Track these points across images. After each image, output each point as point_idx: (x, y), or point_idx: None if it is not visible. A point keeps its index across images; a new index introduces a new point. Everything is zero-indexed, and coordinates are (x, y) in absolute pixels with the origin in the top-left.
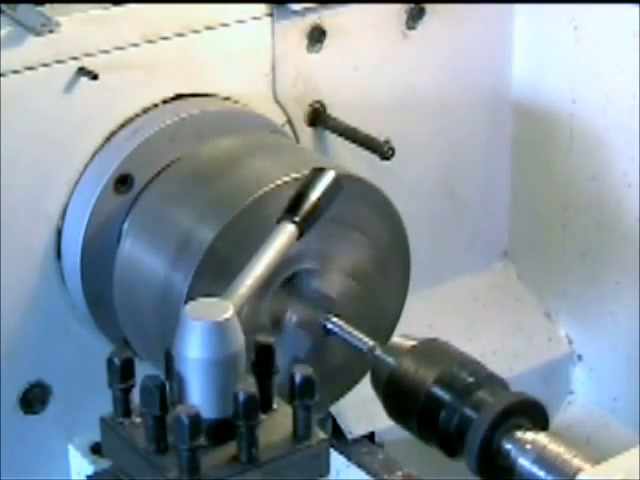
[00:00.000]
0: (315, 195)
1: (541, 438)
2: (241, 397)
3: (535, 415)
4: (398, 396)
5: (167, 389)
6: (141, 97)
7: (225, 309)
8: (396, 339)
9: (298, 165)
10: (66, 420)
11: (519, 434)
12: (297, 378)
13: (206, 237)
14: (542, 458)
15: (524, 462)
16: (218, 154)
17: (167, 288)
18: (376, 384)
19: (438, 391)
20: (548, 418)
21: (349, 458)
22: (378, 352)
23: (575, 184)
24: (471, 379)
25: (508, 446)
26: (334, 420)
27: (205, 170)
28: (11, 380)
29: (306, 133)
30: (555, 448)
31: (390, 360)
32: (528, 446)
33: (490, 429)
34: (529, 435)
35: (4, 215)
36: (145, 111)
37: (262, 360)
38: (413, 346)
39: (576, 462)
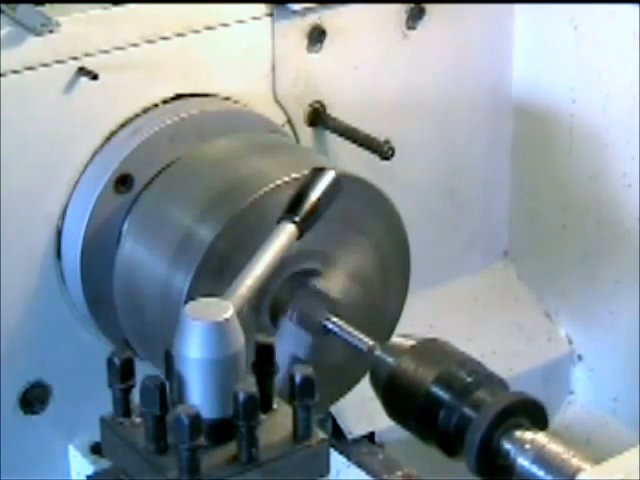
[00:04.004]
0: (315, 195)
1: (540, 438)
2: (241, 397)
3: (534, 415)
4: (397, 396)
5: (167, 389)
6: (141, 97)
7: (225, 309)
8: (396, 339)
9: (298, 165)
10: (66, 420)
11: (518, 434)
12: (297, 378)
13: (206, 237)
14: (541, 458)
15: (523, 462)
16: (218, 154)
17: (167, 288)
18: (375, 384)
19: (437, 391)
20: (547, 418)
21: (349, 458)
22: (378, 352)
23: (575, 184)
24: (470, 379)
25: (507, 446)
26: (334, 420)
27: (205, 170)
28: (11, 380)
29: (306, 133)
30: (554, 448)
31: (390, 360)
32: (527, 446)
33: (489, 429)
34: (528, 435)
35: (4, 215)
36: (145, 111)
37: (262, 360)
38: (412, 346)
39: (575, 462)
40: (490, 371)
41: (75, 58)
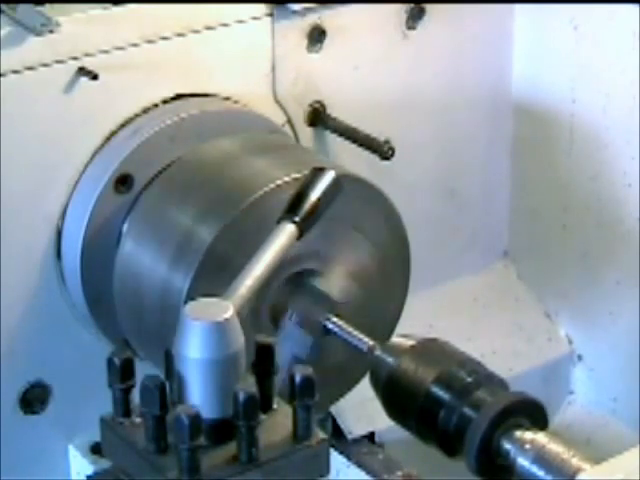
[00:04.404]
0: (315, 195)
1: (540, 438)
2: (241, 397)
3: (534, 415)
4: (397, 396)
5: (167, 389)
6: (141, 97)
7: (225, 309)
8: (396, 339)
9: (298, 165)
10: (66, 420)
11: (518, 434)
12: (297, 378)
13: (206, 237)
14: (541, 458)
15: (523, 462)
16: (218, 154)
17: (167, 288)
18: (375, 384)
19: (437, 391)
20: (547, 418)
21: (349, 458)
22: (378, 352)
23: (575, 184)
24: (470, 379)
25: (507, 446)
26: (334, 420)
27: (205, 170)
28: (11, 380)
29: (306, 133)
30: (554, 448)
31: (390, 360)
32: (527, 446)
33: (489, 428)
34: (528, 435)
35: (4, 215)
36: (145, 111)
37: (262, 360)
38: (412, 346)
39: (575, 462)
40: (490, 371)
41: (75, 58)
